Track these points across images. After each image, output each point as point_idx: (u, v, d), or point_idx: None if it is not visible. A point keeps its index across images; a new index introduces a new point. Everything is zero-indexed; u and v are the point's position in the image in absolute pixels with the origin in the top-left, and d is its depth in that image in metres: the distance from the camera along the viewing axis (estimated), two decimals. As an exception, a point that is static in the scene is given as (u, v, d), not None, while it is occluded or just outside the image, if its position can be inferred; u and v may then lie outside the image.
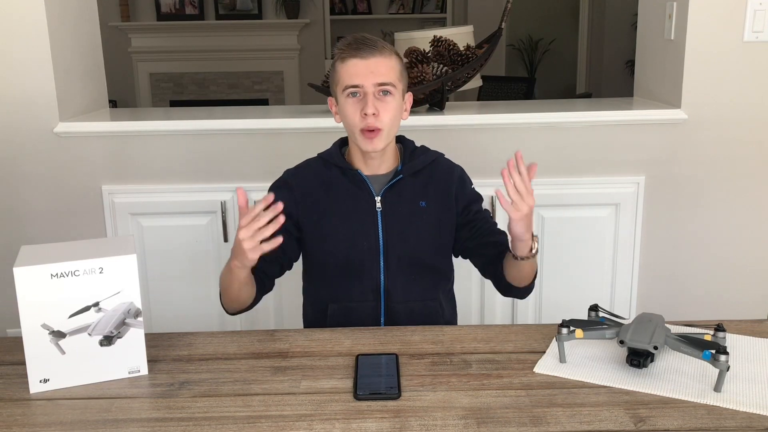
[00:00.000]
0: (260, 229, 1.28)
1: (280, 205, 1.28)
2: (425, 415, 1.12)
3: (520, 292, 1.59)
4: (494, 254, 1.58)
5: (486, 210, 1.67)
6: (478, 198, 1.66)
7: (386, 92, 1.50)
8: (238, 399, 1.18)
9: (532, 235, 1.45)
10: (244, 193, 1.31)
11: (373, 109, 1.48)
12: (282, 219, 1.29)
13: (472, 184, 1.67)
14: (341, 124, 1.57)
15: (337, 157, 1.60)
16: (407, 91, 1.60)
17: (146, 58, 6.34)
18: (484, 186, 2.46)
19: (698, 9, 2.39)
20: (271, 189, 1.60)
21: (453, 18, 6.59)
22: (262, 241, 1.30)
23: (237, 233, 1.31)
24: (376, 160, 1.57)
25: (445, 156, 1.68)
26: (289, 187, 1.58)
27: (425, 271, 1.60)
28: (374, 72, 1.48)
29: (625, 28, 6.13)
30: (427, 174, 1.61)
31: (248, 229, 1.29)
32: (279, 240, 1.30)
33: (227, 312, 1.55)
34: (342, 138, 1.65)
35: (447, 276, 1.68)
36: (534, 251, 1.46)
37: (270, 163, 2.44)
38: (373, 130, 1.49)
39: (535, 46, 7.47)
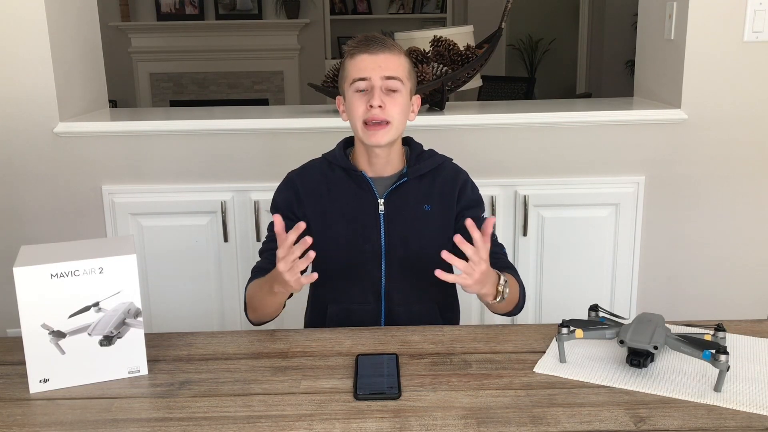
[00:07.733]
0: (296, 260, 1.29)
1: (308, 240, 1.28)
2: (425, 415, 1.12)
3: (508, 314, 1.54)
4: None
5: (485, 218, 1.65)
6: (479, 204, 1.63)
7: (394, 89, 1.49)
8: (238, 399, 1.18)
9: (497, 283, 1.40)
10: (281, 220, 1.31)
11: (380, 102, 1.47)
12: (312, 255, 1.29)
13: (477, 189, 1.65)
14: (346, 124, 1.56)
15: (341, 158, 1.59)
16: (415, 93, 1.59)
17: (146, 58, 6.34)
18: (484, 186, 2.48)
19: (698, 9, 2.39)
20: (277, 191, 1.62)
21: (453, 18, 6.59)
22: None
23: (277, 264, 1.31)
24: (381, 161, 1.55)
25: (453, 161, 1.66)
26: (293, 189, 1.59)
27: (426, 274, 1.59)
28: (382, 66, 1.49)
29: (625, 28, 6.14)
30: (433, 178, 1.59)
31: (286, 261, 1.29)
32: (315, 276, 1.32)
33: (253, 323, 1.56)
34: (346, 138, 1.64)
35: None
36: (498, 299, 1.41)
37: (270, 163, 2.45)
38: (378, 123, 1.48)
39: (535, 46, 7.48)
